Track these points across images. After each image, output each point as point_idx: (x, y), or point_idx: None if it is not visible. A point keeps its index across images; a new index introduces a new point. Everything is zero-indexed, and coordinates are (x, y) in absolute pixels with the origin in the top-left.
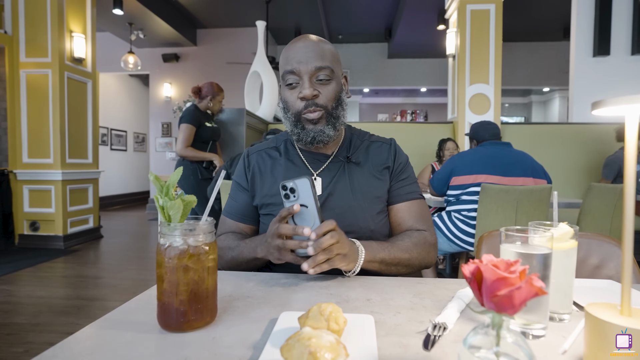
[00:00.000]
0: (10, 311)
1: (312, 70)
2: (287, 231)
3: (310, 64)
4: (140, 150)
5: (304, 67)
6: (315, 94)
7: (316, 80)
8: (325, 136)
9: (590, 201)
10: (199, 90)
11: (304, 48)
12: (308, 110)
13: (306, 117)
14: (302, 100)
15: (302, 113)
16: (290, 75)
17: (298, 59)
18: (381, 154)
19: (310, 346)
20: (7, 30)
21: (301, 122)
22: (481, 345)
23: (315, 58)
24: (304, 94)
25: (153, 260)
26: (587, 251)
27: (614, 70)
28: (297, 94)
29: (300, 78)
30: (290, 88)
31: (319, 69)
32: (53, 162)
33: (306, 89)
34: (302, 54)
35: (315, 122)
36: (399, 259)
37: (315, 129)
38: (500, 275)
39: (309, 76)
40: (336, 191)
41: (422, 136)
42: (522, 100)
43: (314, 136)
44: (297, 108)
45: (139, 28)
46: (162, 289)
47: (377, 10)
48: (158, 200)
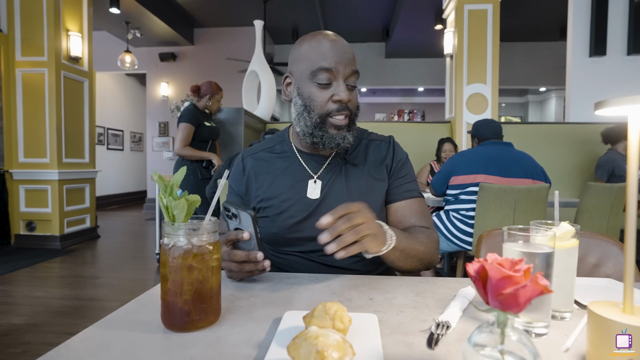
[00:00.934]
0: (7, 312)
1: (348, 73)
2: (240, 257)
3: (348, 67)
4: (137, 149)
5: (342, 68)
6: (350, 99)
7: (346, 85)
8: (347, 143)
9: (587, 200)
10: (198, 89)
11: (341, 47)
12: (339, 114)
13: (334, 122)
14: (334, 102)
15: (331, 115)
16: (325, 72)
17: (337, 59)
18: (380, 153)
19: (318, 345)
20: (2, 29)
21: (326, 125)
22: (486, 343)
23: (352, 61)
24: (341, 97)
25: (151, 260)
26: (586, 250)
27: (610, 70)
28: (327, 94)
29: (334, 79)
30: (320, 87)
31: (353, 74)
32: (49, 161)
33: (343, 92)
34: (341, 54)
35: (341, 127)
36: (417, 250)
37: (340, 135)
38: (505, 274)
39: (343, 79)
40: (332, 194)
41: (420, 136)
42: (519, 100)
43: (339, 142)
44: (326, 109)
45: (135, 27)
46: (166, 288)
47: (375, 9)
48: (162, 200)
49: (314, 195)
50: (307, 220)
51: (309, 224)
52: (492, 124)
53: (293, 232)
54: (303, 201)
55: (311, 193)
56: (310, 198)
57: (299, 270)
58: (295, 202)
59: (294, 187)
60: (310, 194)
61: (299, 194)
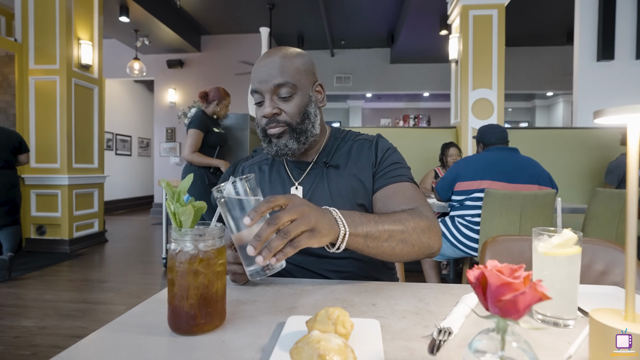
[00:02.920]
0: (18, 314)
1: (272, 88)
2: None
3: (270, 82)
4: (145, 155)
5: (264, 85)
6: (275, 112)
7: (278, 98)
8: (288, 150)
9: (595, 206)
10: (206, 95)
11: (265, 66)
12: (270, 127)
13: (270, 133)
14: (264, 117)
15: (267, 129)
16: (255, 94)
17: (259, 78)
18: (362, 152)
19: (320, 349)
20: (17, 38)
21: (267, 136)
22: (486, 349)
23: (275, 75)
24: (264, 113)
25: (157, 264)
26: (593, 257)
27: (618, 75)
28: (261, 111)
29: (263, 96)
30: (258, 105)
31: (279, 86)
32: (60, 167)
33: (266, 107)
34: (263, 72)
35: (278, 136)
36: (391, 231)
37: (279, 143)
38: (504, 281)
39: (270, 94)
40: (314, 198)
41: (425, 141)
42: (526, 105)
43: (277, 150)
44: (262, 124)
45: (144, 35)
46: (173, 292)
47: (380, 15)
48: (170, 206)
49: None
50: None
51: None
52: (498, 129)
53: None
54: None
55: None
56: None
57: (304, 275)
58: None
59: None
60: None
61: None
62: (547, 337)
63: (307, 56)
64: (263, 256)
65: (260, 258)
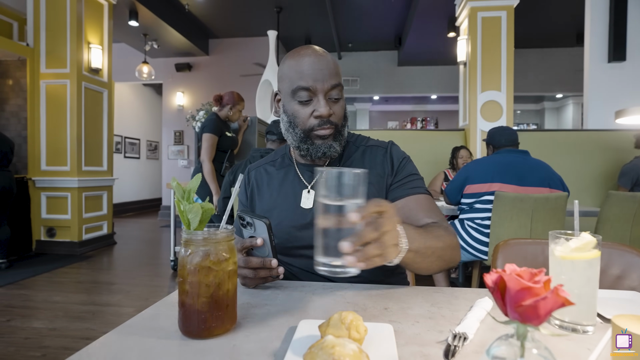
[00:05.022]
0: (28, 316)
1: (328, 88)
2: (255, 264)
3: (327, 82)
4: (153, 157)
5: (320, 85)
6: (331, 113)
7: (329, 99)
8: (334, 151)
9: (608, 209)
10: (221, 98)
11: (318, 64)
12: (322, 128)
13: (318, 134)
14: (316, 118)
15: (314, 130)
16: (304, 91)
17: (314, 76)
18: (376, 159)
19: (334, 354)
20: (29, 43)
21: (311, 138)
22: (505, 356)
23: (330, 75)
24: (321, 113)
25: (165, 266)
26: (608, 261)
27: (630, 76)
28: (309, 110)
29: (314, 95)
30: (301, 104)
31: (334, 87)
32: (70, 169)
33: (323, 107)
34: (318, 70)
35: (326, 137)
36: (434, 248)
37: (326, 144)
38: (524, 285)
39: (324, 94)
40: None
41: (433, 144)
42: (535, 107)
43: (324, 151)
44: (309, 125)
45: (153, 39)
46: (183, 295)
47: (387, 18)
48: (179, 205)
49: (307, 205)
50: (303, 231)
51: (305, 234)
52: (507, 131)
53: (291, 242)
54: (298, 211)
55: (305, 203)
56: (304, 208)
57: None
58: (291, 212)
59: (290, 198)
60: (304, 203)
61: (294, 204)
62: (565, 343)
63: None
64: (356, 257)
65: (352, 258)
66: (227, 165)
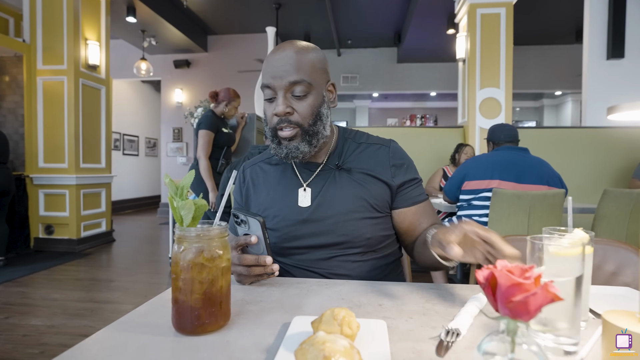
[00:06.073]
0: (27, 313)
1: (286, 86)
2: (249, 261)
3: (285, 79)
4: (152, 155)
5: (279, 82)
6: (288, 111)
7: (292, 96)
8: (299, 153)
9: (604, 206)
10: (216, 94)
11: (280, 60)
12: (281, 127)
13: (279, 134)
14: (276, 116)
15: (278, 130)
16: (267, 89)
17: (273, 73)
18: (378, 157)
19: (325, 350)
20: (25, 39)
21: (277, 137)
22: (496, 351)
23: (291, 72)
24: (277, 111)
25: (163, 263)
26: (603, 257)
27: (629, 73)
28: (272, 108)
29: (275, 93)
30: (267, 102)
31: (294, 84)
32: (68, 166)
33: (279, 105)
34: (278, 67)
35: (290, 139)
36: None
37: (290, 146)
38: (515, 281)
39: (283, 92)
40: (326, 201)
41: (432, 141)
42: (534, 104)
43: (287, 153)
44: (272, 123)
45: (151, 35)
46: (177, 292)
47: (387, 15)
48: (173, 202)
49: (304, 204)
50: (300, 229)
51: (301, 232)
52: (507, 128)
53: (288, 240)
54: (295, 210)
55: (302, 201)
56: (301, 206)
57: (309, 274)
58: (287, 211)
59: (286, 196)
60: (301, 202)
61: (291, 202)
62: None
63: (321, 52)
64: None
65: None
66: (224, 162)
